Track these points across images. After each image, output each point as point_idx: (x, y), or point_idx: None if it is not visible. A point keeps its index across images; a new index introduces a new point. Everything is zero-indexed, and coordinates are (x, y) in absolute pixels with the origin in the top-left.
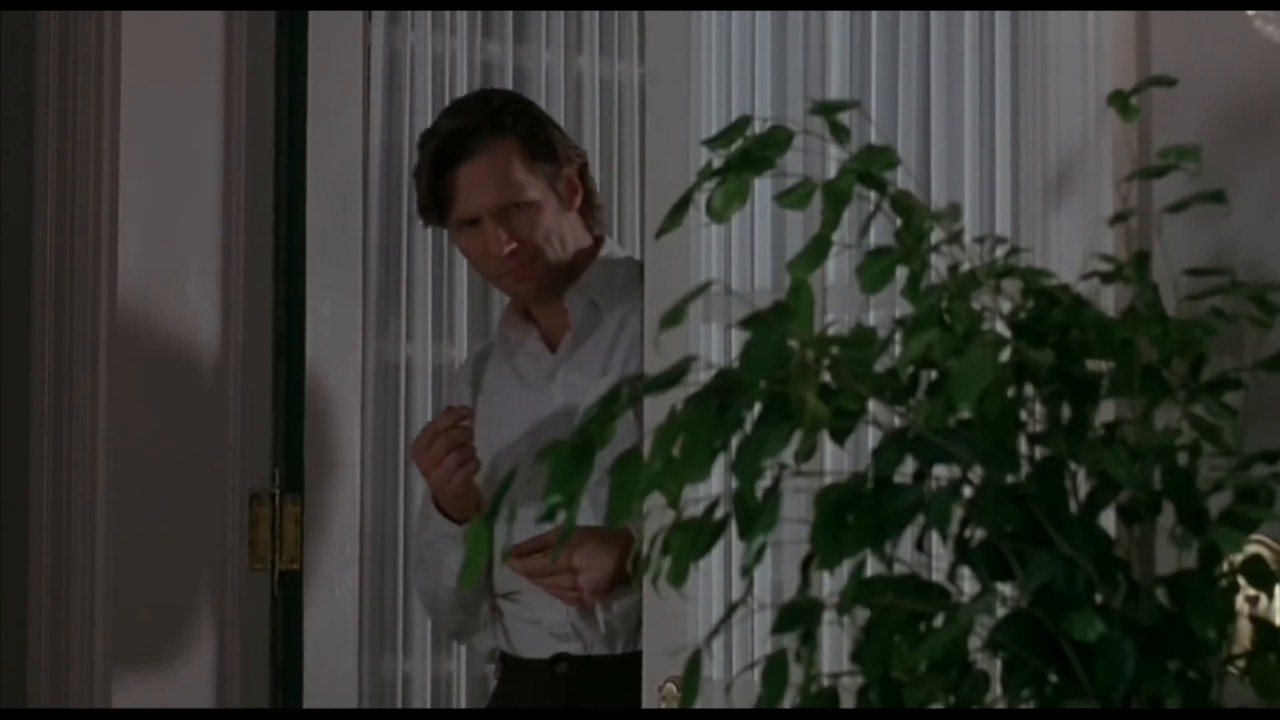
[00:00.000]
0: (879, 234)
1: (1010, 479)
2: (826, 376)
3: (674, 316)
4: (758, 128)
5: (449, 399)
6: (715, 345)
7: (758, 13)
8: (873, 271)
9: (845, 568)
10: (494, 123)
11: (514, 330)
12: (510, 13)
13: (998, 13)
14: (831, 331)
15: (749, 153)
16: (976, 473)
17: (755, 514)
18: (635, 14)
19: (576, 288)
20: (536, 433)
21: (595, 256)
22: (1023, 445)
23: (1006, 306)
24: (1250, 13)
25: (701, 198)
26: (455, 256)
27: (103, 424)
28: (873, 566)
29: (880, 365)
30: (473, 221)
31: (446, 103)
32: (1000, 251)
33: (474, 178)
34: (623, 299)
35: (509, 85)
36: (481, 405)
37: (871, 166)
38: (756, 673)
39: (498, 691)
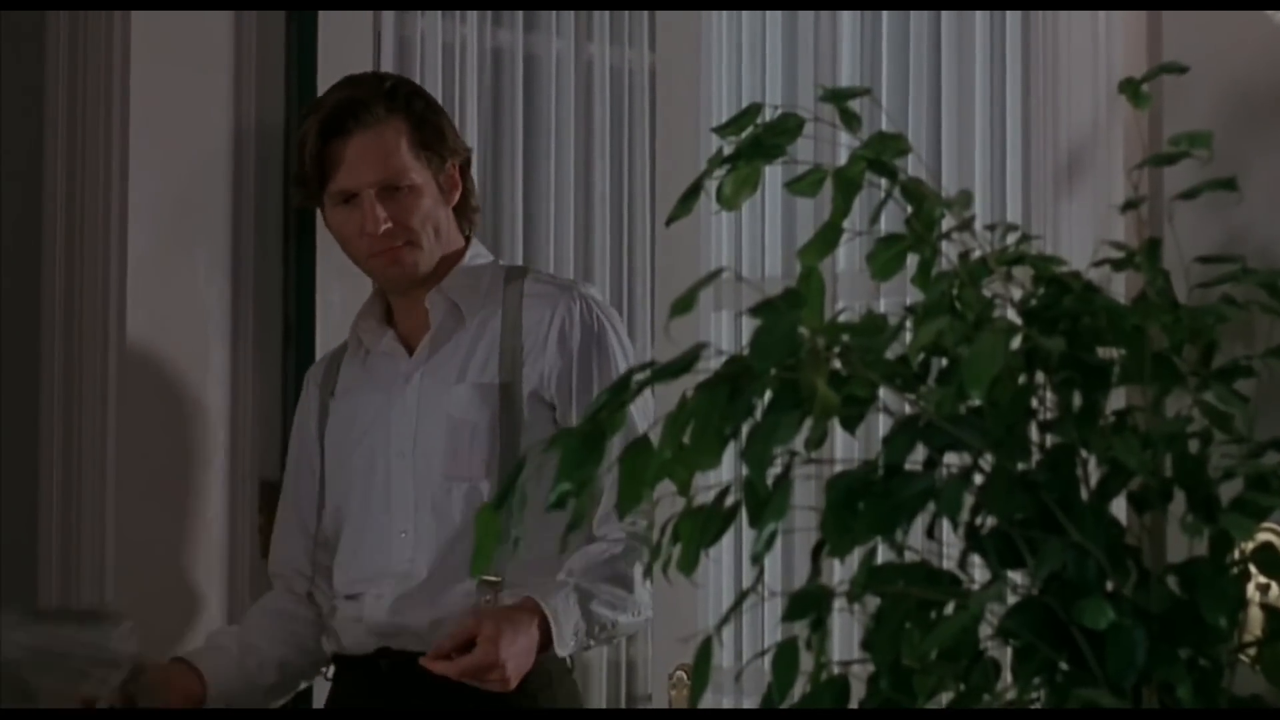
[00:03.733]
0: (889, 221)
1: (1021, 466)
2: (837, 364)
3: (684, 304)
4: (768, 115)
5: (303, 401)
6: (725, 332)
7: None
8: (883, 259)
9: (856, 555)
10: (387, 99)
11: (369, 330)
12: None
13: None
14: (842, 319)
15: (759, 140)
16: (987, 460)
17: (765, 501)
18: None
19: (438, 289)
20: (389, 441)
21: (462, 259)
22: (1033, 432)
23: (1017, 293)
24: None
25: (712, 185)
26: None
27: (113, 413)
28: (883, 554)
29: (891, 352)
30: (350, 197)
31: (458, 91)
32: (1011, 238)
33: (361, 150)
34: (485, 304)
35: (519, 73)
36: (333, 407)
37: (882, 153)
38: (767, 660)
39: (331, 691)
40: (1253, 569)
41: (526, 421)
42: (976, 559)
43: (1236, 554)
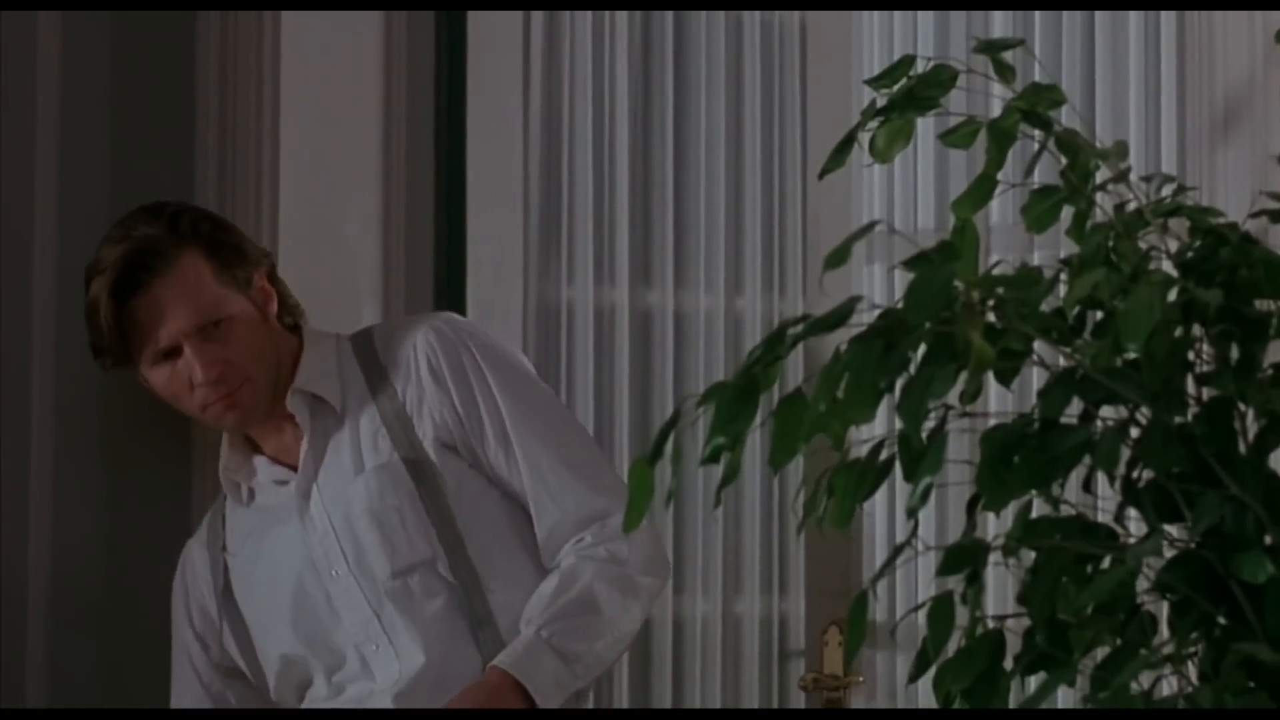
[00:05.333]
0: (1044, 173)
1: (1178, 419)
2: (992, 317)
3: (838, 257)
4: (921, 66)
5: (184, 610)
6: (878, 286)
7: None
8: (1038, 211)
9: (1011, 509)
10: (171, 233)
11: (240, 468)
12: None
13: None
14: (996, 272)
15: (912, 92)
16: (1144, 413)
17: (920, 455)
18: None
19: (293, 390)
20: (315, 568)
21: (301, 351)
22: (1190, 385)
23: (1174, 245)
24: None
25: (864, 137)
26: (617, 197)
27: None
28: (1039, 508)
29: (1046, 305)
30: (168, 353)
31: (608, 44)
32: (1167, 190)
33: (165, 298)
34: (344, 381)
35: (669, 30)
36: (233, 564)
37: (1037, 104)
38: (921, 615)
39: None
40: None
41: (447, 478)
42: (1133, 513)
43: None
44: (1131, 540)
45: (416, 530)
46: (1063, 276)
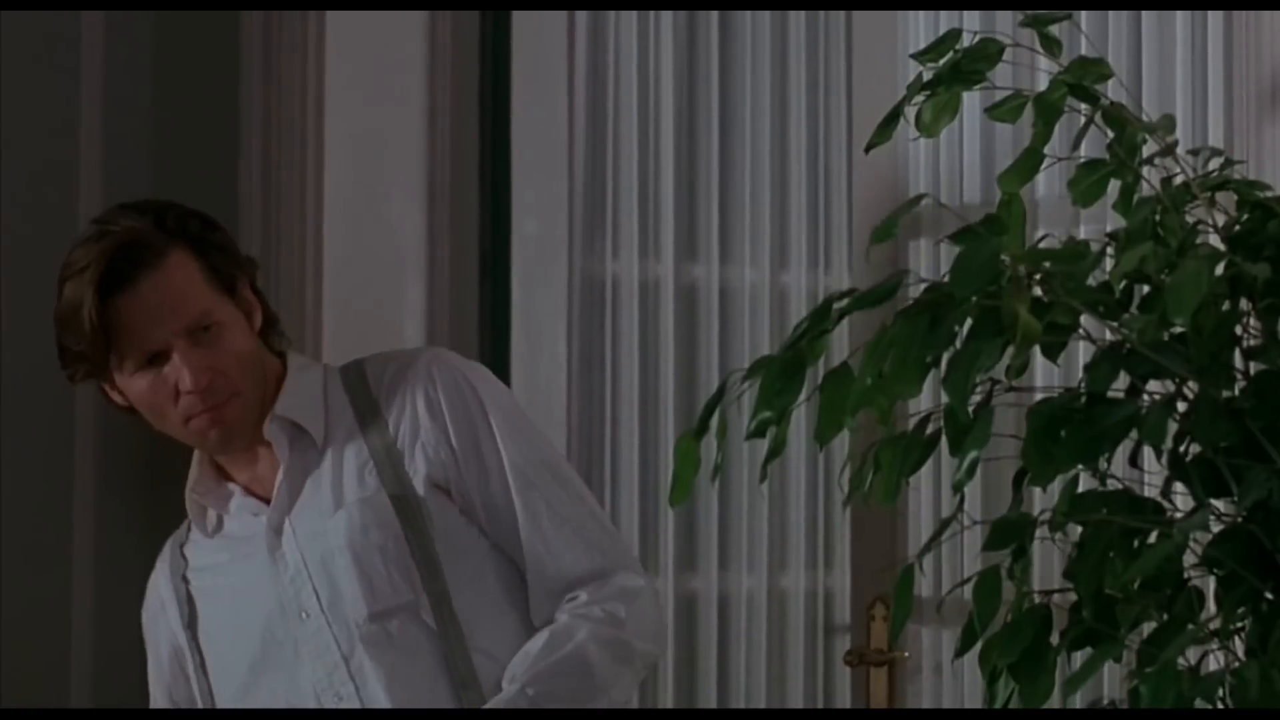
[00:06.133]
0: (1090, 147)
1: (1226, 393)
2: (1038, 291)
3: (885, 230)
4: (967, 40)
5: (154, 646)
6: (924, 260)
7: None
8: (1085, 184)
9: (1058, 484)
10: (158, 227)
11: (208, 495)
12: None
13: None
14: (1043, 246)
15: (959, 66)
16: (1191, 387)
17: (967, 429)
18: None
19: (273, 418)
20: (284, 609)
21: (285, 376)
22: (1238, 359)
23: (1221, 219)
24: None
25: (911, 111)
26: (662, 172)
27: (309, 352)
28: (1085, 482)
29: (1093, 279)
30: (154, 357)
31: (653, 20)
32: (1214, 163)
33: (153, 296)
34: (329, 412)
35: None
36: (197, 597)
37: (1084, 78)
38: (967, 590)
39: None
40: None
41: (435, 521)
42: (1180, 487)
43: None
44: (1178, 515)
45: (399, 571)
46: (1109, 250)
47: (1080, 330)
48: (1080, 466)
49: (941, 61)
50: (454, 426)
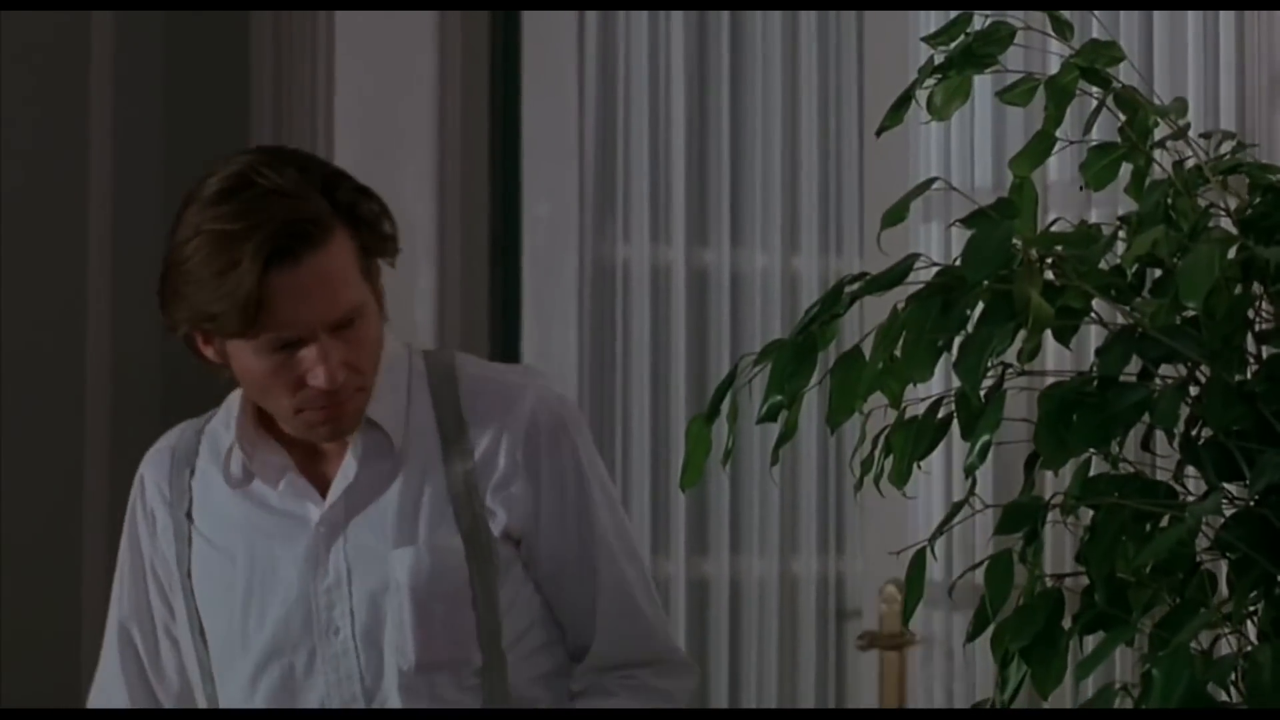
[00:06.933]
0: (1102, 130)
1: (1238, 377)
2: (1050, 274)
3: (896, 214)
4: (979, 23)
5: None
6: (935, 243)
7: None
8: (1097, 168)
9: (1070, 467)
10: (327, 199)
11: (257, 461)
12: None
13: None
14: (1055, 229)
15: (970, 49)
16: (1203, 371)
17: (978, 413)
18: None
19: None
20: (310, 615)
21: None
22: (1250, 343)
23: (1233, 202)
24: None
25: (922, 95)
26: (673, 156)
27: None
28: (1097, 466)
29: (1105, 263)
30: (290, 343)
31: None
32: (1226, 147)
33: (312, 280)
34: (411, 416)
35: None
36: (198, 542)
37: (1095, 61)
38: (979, 574)
39: None
40: None
41: (501, 572)
42: (1192, 471)
43: None
44: (1190, 498)
45: (460, 623)
46: (1121, 234)
47: (1092, 314)
48: (1092, 450)
49: (953, 45)
50: (549, 494)
